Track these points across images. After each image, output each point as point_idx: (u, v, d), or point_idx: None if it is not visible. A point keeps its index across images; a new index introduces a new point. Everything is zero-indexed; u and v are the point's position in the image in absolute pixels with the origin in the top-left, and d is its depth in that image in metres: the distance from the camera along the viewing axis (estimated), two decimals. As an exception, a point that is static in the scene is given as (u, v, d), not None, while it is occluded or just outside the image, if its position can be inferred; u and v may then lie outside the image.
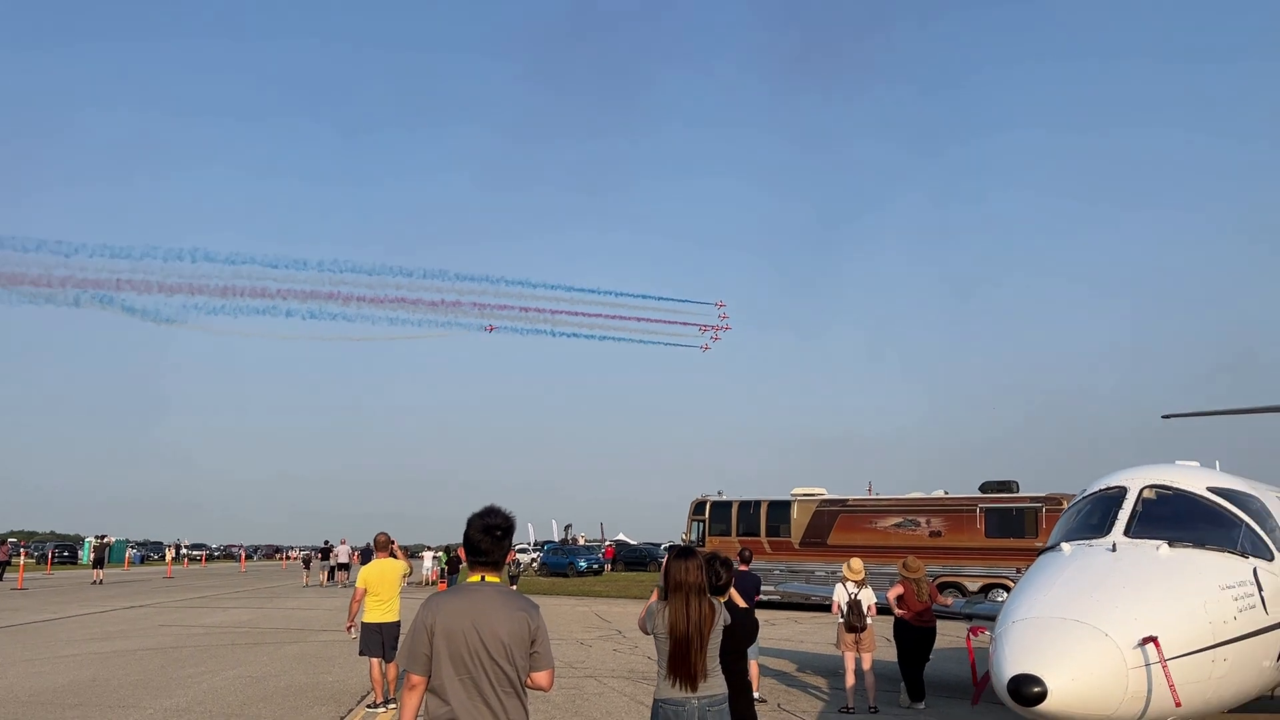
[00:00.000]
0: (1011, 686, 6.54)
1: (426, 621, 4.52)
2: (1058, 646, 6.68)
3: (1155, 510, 8.52)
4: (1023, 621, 7.05)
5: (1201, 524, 8.48)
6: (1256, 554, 8.49)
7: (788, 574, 31.10)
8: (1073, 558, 8.02)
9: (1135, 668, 6.64)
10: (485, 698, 4.40)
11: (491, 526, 4.66)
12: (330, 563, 48.38)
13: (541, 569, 58.10)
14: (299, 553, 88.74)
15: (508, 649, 4.44)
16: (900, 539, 29.11)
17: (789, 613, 30.85)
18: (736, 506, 33.65)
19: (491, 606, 4.51)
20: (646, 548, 65.94)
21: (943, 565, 28.21)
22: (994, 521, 28.37)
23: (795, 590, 27.40)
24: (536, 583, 48.46)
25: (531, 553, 66.02)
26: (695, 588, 5.58)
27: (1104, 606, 6.98)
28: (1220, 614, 7.55)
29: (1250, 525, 8.70)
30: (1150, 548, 7.94)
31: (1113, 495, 8.76)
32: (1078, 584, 7.43)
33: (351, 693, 13.56)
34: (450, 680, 4.41)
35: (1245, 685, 8.37)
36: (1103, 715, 6.67)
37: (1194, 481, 8.97)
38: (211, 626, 24.18)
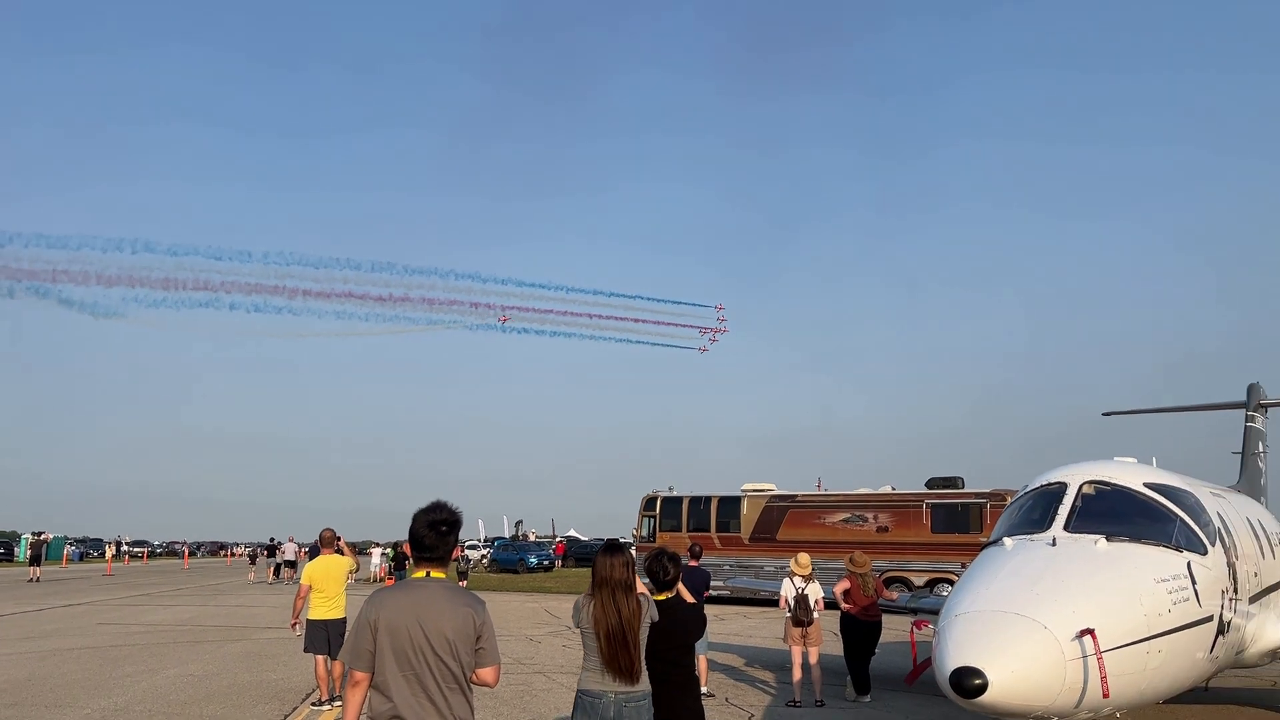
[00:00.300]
0: (953, 679, 6.64)
1: (370, 617, 4.48)
2: (998, 639, 6.79)
3: (1094, 506, 8.69)
4: (965, 615, 7.15)
5: (1138, 519, 8.67)
6: (1190, 548, 8.70)
7: (737, 569, 31.26)
8: (1014, 552, 8.16)
9: (1073, 660, 6.77)
10: (429, 694, 4.37)
11: (437, 522, 4.63)
12: (277, 559, 47.79)
13: (492, 565, 57.85)
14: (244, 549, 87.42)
15: (452, 645, 4.41)
16: (848, 534, 29.40)
17: (738, 608, 31.04)
18: (687, 502, 33.75)
19: (436, 602, 4.48)
20: (597, 544, 65.87)
21: (889, 560, 28.55)
22: (940, 517, 28.77)
23: (744, 585, 27.57)
24: (486, 579, 48.22)
25: (482, 549, 65.68)
26: (621, 584, 5.63)
27: (1043, 600, 7.11)
28: (1155, 607, 7.72)
29: (1185, 520, 8.92)
30: (1089, 542, 8.10)
31: (1053, 491, 8.92)
32: (1018, 578, 7.56)
33: (296, 690, 13.39)
34: (394, 677, 4.38)
35: (1179, 676, 8.58)
36: (1041, 706, 6.80)
37: (1131, 478, 9.18)
38: (152, 624, 23.73)
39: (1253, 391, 20.35)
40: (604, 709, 5.56)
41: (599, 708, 5.57)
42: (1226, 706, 12.96)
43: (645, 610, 5.68)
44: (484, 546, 67.11)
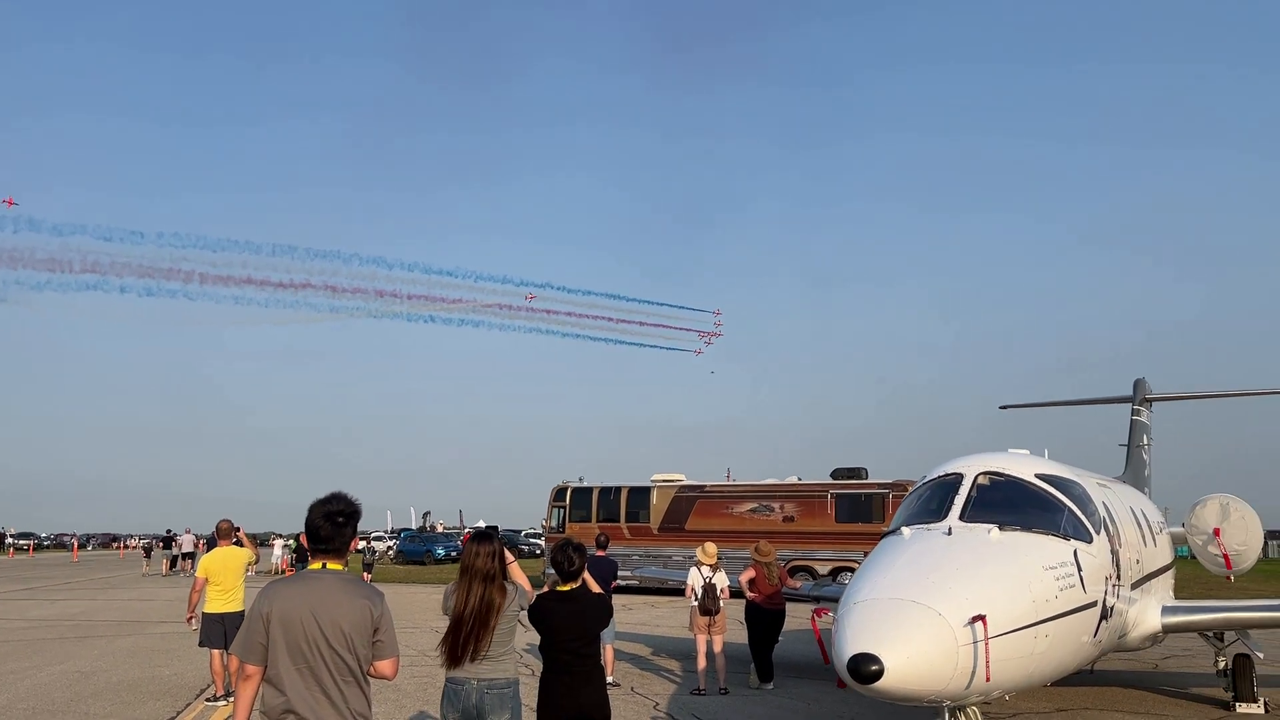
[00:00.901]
0: (851, 666, 6.79)
1: (263, 610, 4.38)
2: (894, 626, 6.96)
3: (988, 496, 8.98)
4: (863, 603, 7.32)
5: (1029, 509, 8.98)
6: (1077, 536, 9.06)
7: (646, 559, 31.44)
8: (911, 541, 8.38)
9: (964, 645, 6.98)
10: (324, 687, 4.29)
11: (333, 513, 4.54)
12: (173, 551, 46.40)
13: (398, 557, 57.14)
14: (139, 541, 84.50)
15: (348, 638, 4.33)
16: (755, 524, 29.79)
17: (646, 597, 31.22)
18: (597, 493, 33.79)
19: (332, 594, 4.39)
20: (507, 534, 65.60)
21: (795, 549, 29.03)
22: (844, 507, 29.37)
23: (652, 575, 27.74)
24: (392, 570, 47.57)
25: (388, 540, 64.76)
26: (483, 573, 5.68)
27: (938, 587, 7.32)
28: (1043, 593, 8.02)
29: (1072, 510, 9.27)
30: (983, 531, 8.37)
31: (950, 481, 9.18)
32: (915, 566, 7.76)
33: (190, 687, 13.00)
34: (287, 670, 4.29)
35: (1065, 659, 8.92)
36: (934, 690, 7.00)
37: (1024, 469, 9.50)
38: (38, 620, 22.77)
39: (1138, 386, 21.25)
40: (466, 696, 5.60)
41: (461, 695, 5.62)
42: (1110, 688, 13.53)
43: (509, 600, 5.71)
44: (390, 538, 66.15)
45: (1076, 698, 12.57)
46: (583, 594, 6.63)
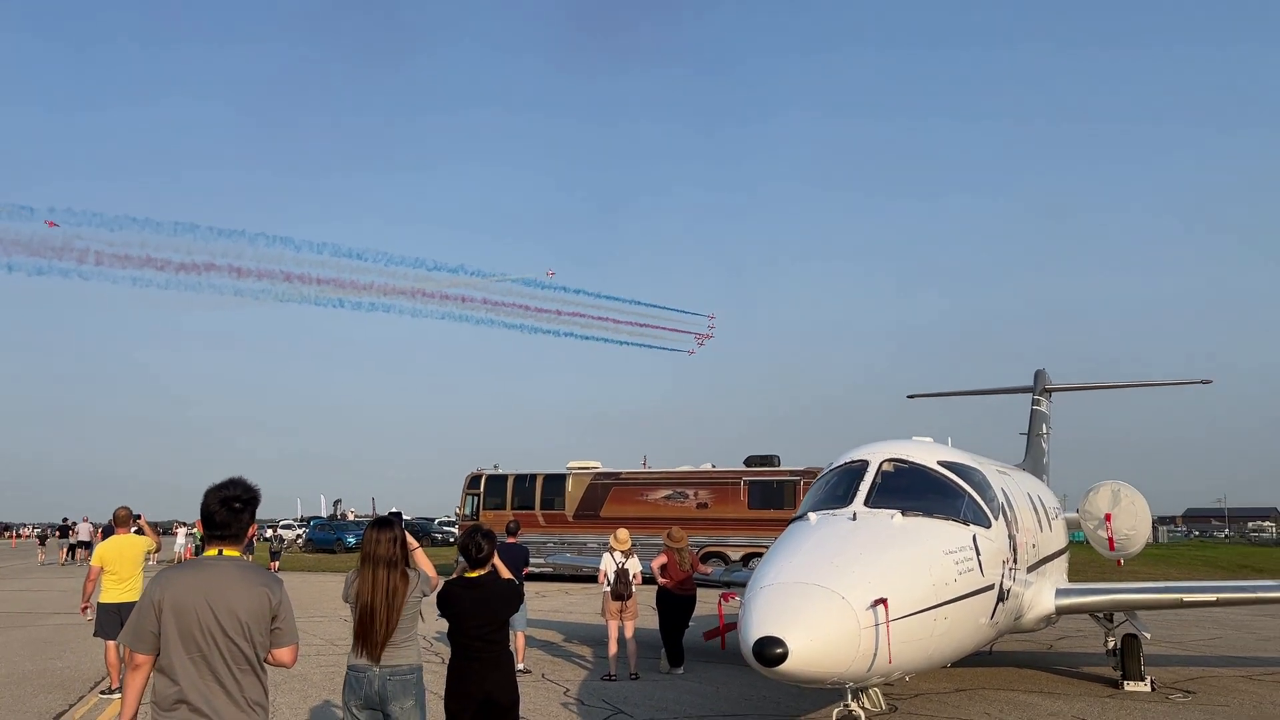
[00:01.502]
0: (756, 649, 6.90)
1: (154, 597, 4.26)
2: (798, 610, 7.10)
3: (892, 482, 9.21)
4: (769, 587, 7.44)
5: (931, 495, 9.24)
6: (977, 522, 9.35)
7: (561, 546, 31.42)
8: (817, 526, 8.55)
9: (867, 628, 7.15)
10: (219, 676, 4.19)
11: (230, 499, 4.43)
12: (70, 540, 44.78)
13: (307, 545, 56.11)
14: (32, 530, 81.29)
15: (245, 626, 4.24)
16: (670, 511, 29.99)
17: (560, 584, 31.23)
18: (512, 480, 33.61)
19: (228, 581, 4.29)
20: (420, 523, 64.82)
21: (708, 536, 29.31)
22: (756, 493, 29.75)
23: (565, 562, 27.74)
24: (301, 559, 46.68)
25: (297, 528, 63.49)
26: (384, 560, 5.63)
27: (841, 571, 7.48)
28: (943, 577, 8.26)
29: (972, 496, 9.57)
30: (886, 517, 8.58)
31: (855, 468, 9.39)
32: (820, 551, 7.92)
33: (84, 679, 12.58)
34: (180, 659, 4.18)
35: (964, 641, 9.21)
36: (837, 672, 7.16)
37: (926, 456, 9.76)
38: (-79, 612, 21.75)
39: (1039, 377, 21.98)
40: (368, 683, 5.55)
41: (363, 682, 5.57)
42: (1007, 669, 14.00)
43: (412, 586, 5.66)
44: (299, 526, 64.86)
45: (975, 678, 12.97)
46: (491, 580, 6.60)
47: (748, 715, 10.62)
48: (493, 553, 6.71)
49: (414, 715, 5.59)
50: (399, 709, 5.54)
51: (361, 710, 5.59)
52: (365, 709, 5.58)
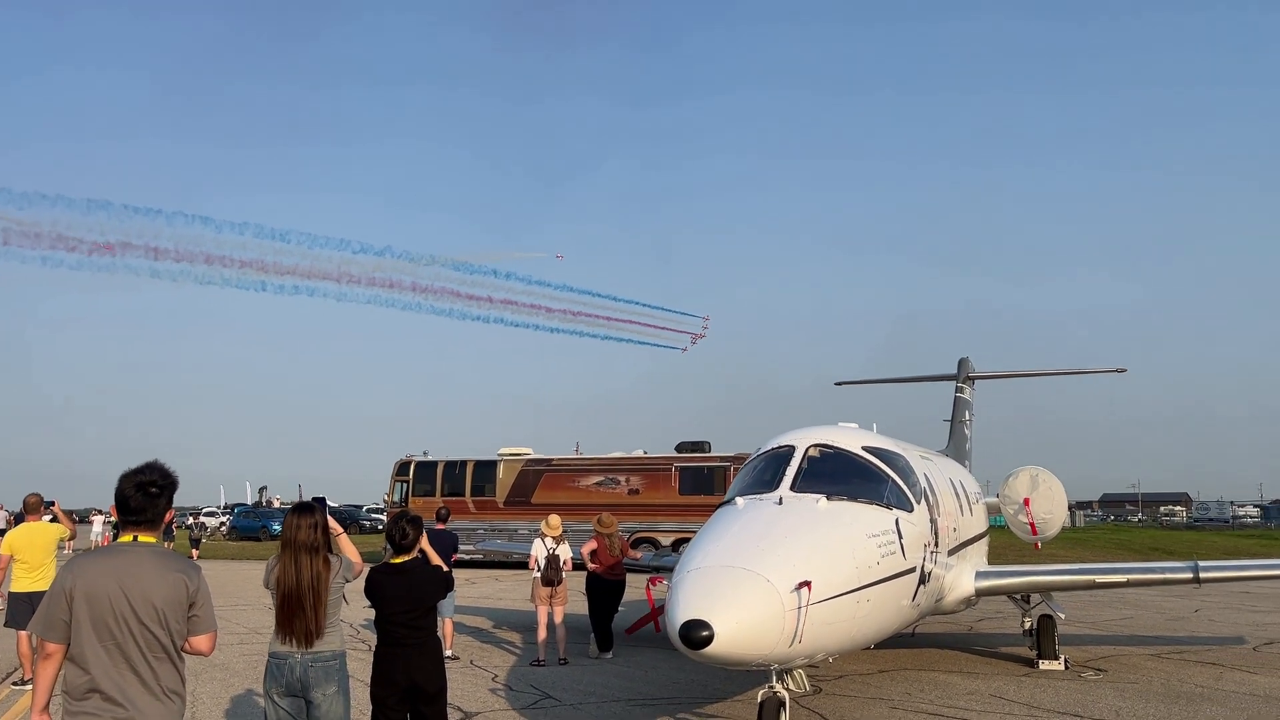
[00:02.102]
0: (682, 632, 6.95)
1: (66, 585, 4.15)
2: (724, 593, 7.16)
3: (818, 467, 9.34)
4: (695, 571, 7.50)
5: (855, 479, 9.39)
6: (900, 506, 9.54)
7: (492, 533, 31.27)
8: (744, 511, 8.64)
9: (791, 610, 7.25)
10: (133, 664, 4.10)
11: (146, 483, 4.33)
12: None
13: (231, 533, 55.09)
14: (-61, 519, 78.26)
15: (160, 613, 4.15)
16: (601, 497, 30.03)
17: (491, 571, 31.12)
18: (441, 467, 33.32)
19: (143, 568, 4.19)
20: (348, 509, 64.00)
21: (640, 521, 29.43)
22: (687, 479, 29.94)
23: (496, 548, 27.62)
24: (225, 547, 45.80)
25: (221, 516, 62.24)
26: (306, 545, 5.56)
27: (767, 555, 7.57)
28: (866, 560, 8.41)
29: (896, 481, 9.75)
30: (811, 501, 8.70)
31: (782, 454, 9.50)
32: (746, 535, 8.00)
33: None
34: (92, 647, 4.07)
35: (887, 622, 9.40)
36: (762, 654, 7.25)
37: (851, 441, 9.92)
38: None
39: (962, 365, 22.46)
40: (289, 670, 5.48)
41: (285, 669, 5.50)
42: (929, 650, 14.34)
43: (334, 572, 5.60)
44: (223, 514, 63.58)
45: (898, 659, 13.26)
46: (416, 566, 6.56)
47: (675, 699, 10.72)
48: (418, 538, 6.67)
49: (337, 702, 5.53)
50: (321, 695, 5.47)
51: (283, 698, 5.51)
52: (287, 696, 5.51)
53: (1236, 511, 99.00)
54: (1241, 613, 19.66)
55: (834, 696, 10.70)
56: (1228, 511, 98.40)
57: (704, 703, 10.42)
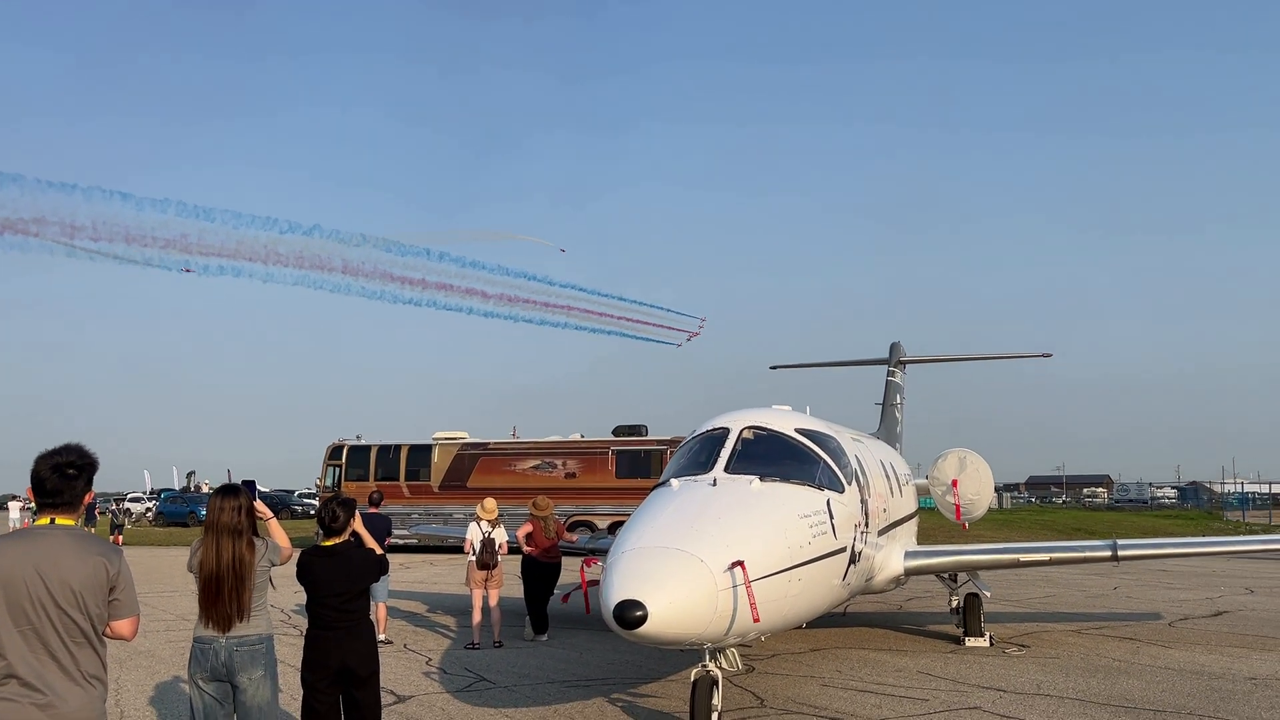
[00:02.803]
0: (616, 612, 6.99)
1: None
2: (658, 573, 7.22)
3: (752, 449, 9.44)
4: (630, 552, 7.54)
5: (788, 461, 9.51)
6: (831, 487, 9.69)
7: (427, 517, 31.05)
8: (679, 492, 8.70)
9: (724, 589, 7.33)
10: (51, 650, 3.99)
11: (63, 465, 4.22)
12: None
13: (158, 518, 53.93)
14: None
15: (79, 597, 4.05)
16: (538, 480, 29.98)
17: (426, 555, 30.91)
18: (375, 451, 32.96)
19: (61, 551, 4.08)
20: (279, 494, 63.04)
21: (576, 504, 29.45)
22: (624, 463, 30.02)
23: (431, 533, 27.43)
24: (152, 533, 44.83)
25: (147, 501, 60.86)
26: (229, 528, 5.48)
27: (701, 535, 7.64)
28: (798, 540, 8.53)
29: (827, 462, 9.90)
30: (745, 482, 8.79)
31: (717, 435, 9.58)
32: (681, 516, 8.07)
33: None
34: (8, 633, 3.96)
35: (818, 601, 9.56)
36: (695, 634, 7.32)
37: (785, 423, 10.04)
38: None
39: (894, 349, 22.84)
40: (214, 655, 5.41)
41: (209, 654, 5.42)
42: (860, 629, 14.61)
43: (259, 555, 5.52)
44: (149, 499, 62.17)
45: (829, 638, 13.49)
46: (347, 549, 6.49)
47: (610, 679, 10.78)
48: (349, 521, 6.60)
49: (263, 686, 5.45)
50: (247, 680, 5.39)
51: (208, 683, 5.42)
52: (212, 681, 5.42)
53: (1155, 493, 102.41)
54: (1158, 590, 20.36)
55: (766, 675, 10.85)
56: (1147, 493, 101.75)
57: (638, 683, 10.50)
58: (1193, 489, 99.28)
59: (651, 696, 9.79)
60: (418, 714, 9.14)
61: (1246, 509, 62.25)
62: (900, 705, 9.33)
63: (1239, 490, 77.67)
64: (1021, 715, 8.90)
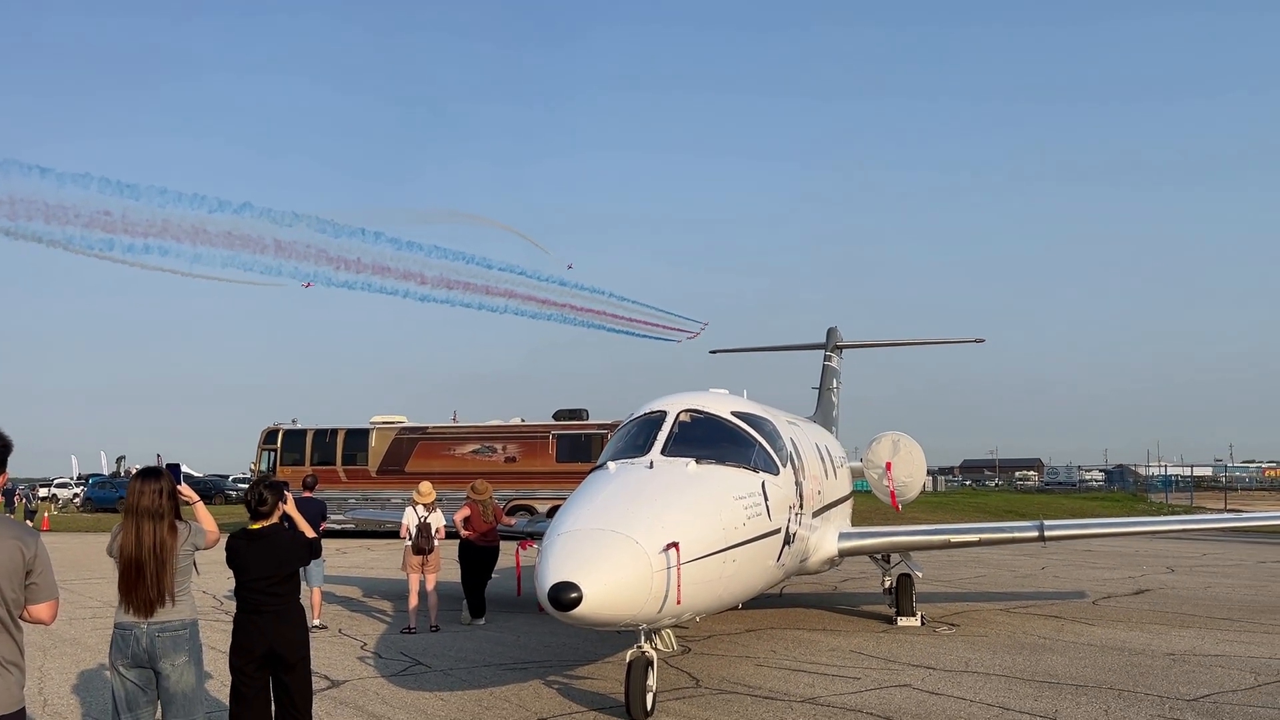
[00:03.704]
0: (551, 594, 7.00)
1: None
2: (593, 555, 7.24)
3: (689, 432, 9.50)
4: (565, 534, 7.55)
5: (724, 444, 9.59)
6: (766, 469, 9.79)
7: (364, 502, 30.74)
8: (616, 475, 8.73)
9: (659, 571, 7.38)
10: (-35, 635, 3.89)
11: (-29, 446, 4.10)
12: None
13: (86, 504, 52.60)
14: None
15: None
16: (478, 465, 29.82)
17: (363, 540, 30.60)
18: (311, 435, 32.48)
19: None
20: (212, 480, 61.91)
21: (517, 489, 29.37)
22: (565, 447, 29.99)
23: (368, 517, 27.15)
24: (79, 519, 43.71)
25: (75, 487, 59.35)
26: (149, 511, 5.36)
27: (636, 517, 7.68)
28: (733, 521, 8.62)
29: (763, 445, 10.00)
30: (681, 465, 8.84)
31: (654, 419, 9.62)
32: (617, 498, 8.10)
33: None
34: (-80, 619, 3.85)
35: (753, 582, 9.67)
36: (630, 615, 7.36)
37: (721, 407, 10.11)
38: None
39: (831, 334, 23.10)
40: (135, 641, 5.30)
41: (130, 640, 5.31)
42: (796, 609, 14.81)
43: (182, 539, 5.42)
44: (77, 485, 60.65)
45: (765, 619, 13.65)
46: (275, 532, 6.40)
47: (546, 662, 10.79)
48: (278, 504, 6.50)
49: (187, 672, 5.35)
50: (170, 666, 5.29)
51: (130, 669, 5.30)
52: (134, 668, 5.30)
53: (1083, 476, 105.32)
54: (1084, 569, 20.95)
55: (702, 656, 10.95)
56: (1075, 476, 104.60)
57: (575, 665, 10.52)
58: (1119, 472, 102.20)
59: (588, 678, 9.82)
60: (351, 698, 9.06)
61: (1170, 491, 64.30)
62: (833, 684, 9.48)
63: (1163, 473, 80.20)
64: (949, 692, 9.10)
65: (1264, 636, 12.15)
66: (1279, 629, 12.77)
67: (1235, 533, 31.26)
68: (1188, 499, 57.75)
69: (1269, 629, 12.76)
